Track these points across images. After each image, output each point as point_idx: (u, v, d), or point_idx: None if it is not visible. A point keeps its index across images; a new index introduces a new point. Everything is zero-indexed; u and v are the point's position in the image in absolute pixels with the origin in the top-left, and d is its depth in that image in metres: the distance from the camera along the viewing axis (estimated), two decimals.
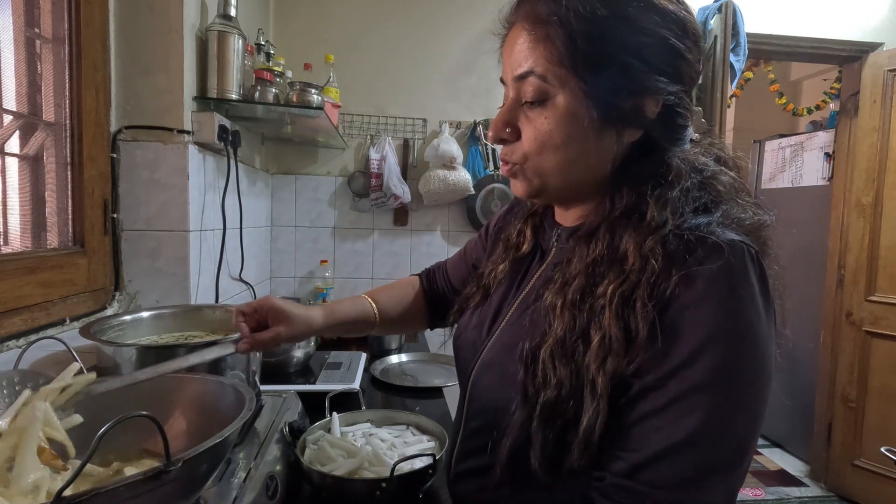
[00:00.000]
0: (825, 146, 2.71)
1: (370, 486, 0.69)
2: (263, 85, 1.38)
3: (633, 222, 0.49)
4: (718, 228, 0.47)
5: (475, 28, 2.12)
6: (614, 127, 0.50)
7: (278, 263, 2.09)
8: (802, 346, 2.77)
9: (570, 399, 0.47)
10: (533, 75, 0.50)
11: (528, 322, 0.55)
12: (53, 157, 1.03)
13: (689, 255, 0.44)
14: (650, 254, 0.46)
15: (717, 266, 0.43)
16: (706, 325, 0.43)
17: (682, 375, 0.43)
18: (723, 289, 0.43)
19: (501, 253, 0.68)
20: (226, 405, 0.61)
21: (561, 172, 0.53)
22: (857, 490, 2.37)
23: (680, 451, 0.43)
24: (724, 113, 2.06)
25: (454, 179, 2.01)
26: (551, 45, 0.48)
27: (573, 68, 0.48)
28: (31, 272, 0.91)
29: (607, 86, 0.48)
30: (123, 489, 0.39)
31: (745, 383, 0.44)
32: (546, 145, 0.51)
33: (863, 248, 2.34)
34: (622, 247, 0.48)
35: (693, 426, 0.42)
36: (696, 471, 0.43)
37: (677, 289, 0.44)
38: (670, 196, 0.49)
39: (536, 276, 0.62)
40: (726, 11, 1.99)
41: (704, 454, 0.43)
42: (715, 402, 0.43)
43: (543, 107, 0.50)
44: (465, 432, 0.63)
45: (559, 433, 0.48)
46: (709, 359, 0.42)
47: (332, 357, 1.34)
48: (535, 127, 0.51)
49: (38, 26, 0.99)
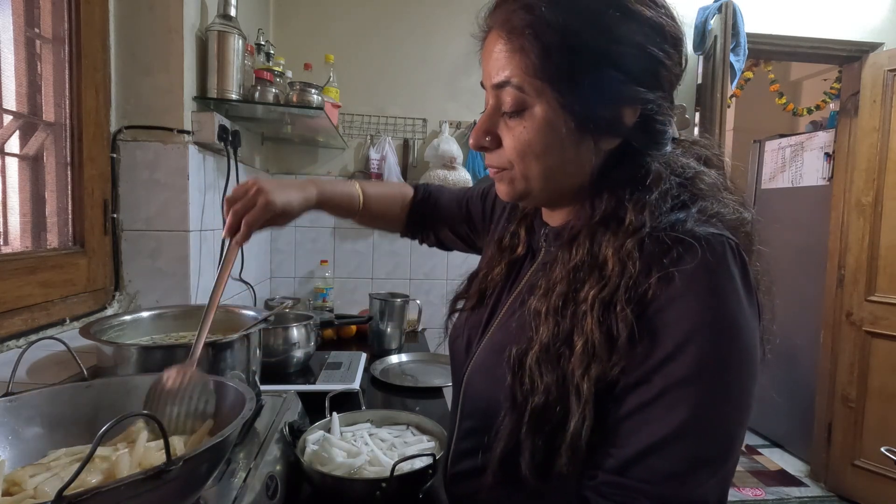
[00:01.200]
0: (825, 146, 2.71)
1: (370, 486, 0.69)
2: (263, 85, 1.38)
3: (611, 227, 0.49)
4: (696, 224, 0.46)
5: (475, 28, 2.12)
6: (591, 136, 0.50)
7: (278, 263, 2.09)
8: (802, 346, 2.78)
9: (557, 405, 0.47)
10: (510, 85, 0.50)
11: (515, 326, 0.56)
12: (53, 157, 1.03)
13: (666, 256, 0.45)
14: (627, 258, 0.46)
15: (696, 262, 0.43)
16: (688, 319, 0.43)
17: (667, 370, 0.43)
18: (702, 282, 0.43)
19: (497, 255, 0.68)
20: (226, 405, 0.61)
21: (543, 178, 0.53)
22: (857, 490, 2.37)
23: (668, 445, 0.43)
24: (724, 113, 2.06)
25: (454, 179, 2.01)
26: (526, 57, 0.48)
27: (548, 80, 0.48)
28: (31, 272, 0.91)
29: (584, 97, 0.48)
30: (123, 489, 0.39)
31: (730, 375, 0.43)
32: (527, 154, 0.51)
33: (863, 248, 2.34)
34: (602, 252, 0.48)
35: (680, 420, 0.42)
36: (686, 464, 0.43)
37: (657, 289, 0.44)
38: (648, 200, 0.49)
39: (526, 278, 0.62)
40: (726, 11, 1.99)
41: (692, 447, 0.43)
42: (701, 394, 0.43)
43: (521, 117, 0.50)
44: (458, 434, 0.64)
45: (548, 438, 0.48)
46: (693, 351, 0.43)
47: (332, 357, 1.34)
48: (514, 136, 0.52)
49: (38, 26, 0.99)
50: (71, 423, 0.58)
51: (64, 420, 0.59)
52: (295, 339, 1.21)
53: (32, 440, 0.57)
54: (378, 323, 1.62)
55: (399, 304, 1.62)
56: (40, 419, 0.58)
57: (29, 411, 0.58)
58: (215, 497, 0.57)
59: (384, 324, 1.61)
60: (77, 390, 0.63)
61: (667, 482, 0.43)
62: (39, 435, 0.57)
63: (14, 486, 0.47)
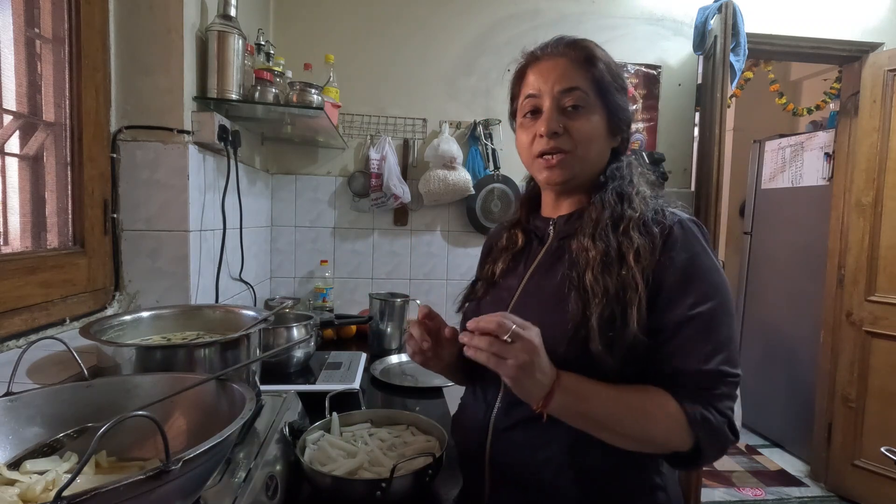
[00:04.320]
0: (825, 146, 2.71)
1: (370, 486, 0.69)
2: (263, 85, 1.38)
3: (626, 185, 0.74)
4: (676, 207, 0.74)
5: (475, 28, 2.12)
6: (614, 134, 0.78)
7: (278, 263, 2.09)
8: (802, 346, 2.78)
9: (618, 303, 0.65)
10: (579, 90, 0.73)
11: (548, 278, 0.74)
12: (53, 157, 1.03)
13: (665, 216, 0.70)
14: (647, 204, 0.72)
15: (691, 227, 0.70)
16: (687, 255, 0.68)
17: (698, 310, 0.65)
18: (696, 237, 0.69)
19: (497, 254, 0.83)
20: (226, 405, 0.61)
21: (592, 162, 0.75)
22: (857, 490, 2.37)
23: (722, 346, 0.65)
24: (724, 113, 2.06)
25: (454, 179, 2.01)
26: (593, 74, 0.74)
27: (606, 91, 0.74)
28: (31, 272, 0.91)
29: (617, 107, 0.76)
30: (123, 489, 0.39)
31: (728, 301, 0.68)
32: (589, 139, 0.74)
33: (863, 248, 2.34)
34: (628, 198, 0.72)
35: (719, 322, 0.66)
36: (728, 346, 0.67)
37: (669, 238, 0.68)
38: (635, 178, 0.76)
39: (542, 253, 0.78)
40: (726, 11, 1.99)
41: (731, 346, 0.67)
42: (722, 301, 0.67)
43: (580, 113, 0.73)
44: (506, 388, 0.69)
45: (614, 326, 0.64)
46: (712, 288, 0.67)
47: (332, 357, 1.34)
48: (577, 126, 0.73)
49: (38, 26, 0.99)
50: (71, 423, 0.58)
51: (64, 420, 0.59)
52: (295, 339, 1.21)
53: (32, 440, 0.57)
54: (378, 323, 1.62)
55: (399, 304, 1.62)
56: (40, 419, 0.58)
57: (29, 411, 0.58)
58: (215, 497, 0.57)
59: (384, 324, 1.61)
60: (77, 390, 0.63)
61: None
62: (39, 435, 0.57)
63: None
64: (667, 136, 2.27)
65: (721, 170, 2.05)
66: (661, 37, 2.23)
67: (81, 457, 0.52)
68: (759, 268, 3.16)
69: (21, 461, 0.53)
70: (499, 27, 2.13)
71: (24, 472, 0.52)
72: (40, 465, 0.53)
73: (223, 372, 0.65)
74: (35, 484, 0.49)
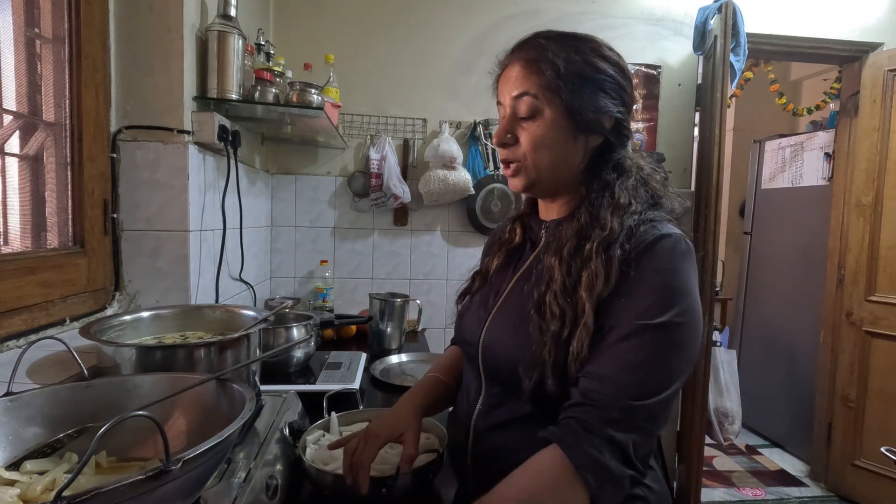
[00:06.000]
0: (825, 146, 2.71)
1: (376, 483, 0.69)
2: (263, 85, 1.38)
3: (606, 199, 0.68)
4: (663, 223, 0.66)
5: (475, 28, 2.12)
6: (584, 134, 0.70)
7: (278, 263, 2.09)
8: (802, 346, 2.78)
9: (571, 326, 0.62)
10: (528, 95, 0.68)
11: (527, 289, 0.70)
12: (53, 157, 1.03)
13: (647, 234, 0.64)
14: (622, 220, 0.65)
15: (668, 243, 0.63)
16: (656, 281, 0.61)
17: (642, 322, 0.59)
18: (671, 258, 0.62)
19: (496, 248, 0.83)
20: (226, 405, 0.61)
21: (550, 168, 0.70)
22: (857, 490, 2.37)
23: (634, 369, 0.59)
24: (724, 113, 2.05)
25: (454, 179, 2.01)
26: (541, 76, 0.67)
27: (557, 91, 0.67)
28: (31, 272, 0.91)
29: (579, 105, 0.67)
30: (123, 489, 0.39)
31: (684, 331, 0.60)
32: (539, 146, 0.69)
33: (863, 248, 2.34)
34: (601, 215, 0.67)
35: (643, 355, 0.59)
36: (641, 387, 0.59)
37: (640, 251, 0.62)
38: (629, 183, 0.69)
39: (530, 260, 0.76)
40: (726, 11, 1.99)
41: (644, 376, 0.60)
42: (658, 339, 0.59)
43: (535, 119, 0.68)
44: (487, 388, 0.73)
45: (564, 354, 0.62)
46: (668, 307, 0.59)
47: (332, 357, 1.34)
48: (529, 133, 0.69)
49: (38, 26, 0.99)
50: (71, 423, 0.58)
51: (64, 420, 0.59)
52: (295, 339, 1.21)
53: (32, 440, 0.57)
54: (378, 323, 1.62)
55: (399, 304, 1.62)
56: (40, 419, 0.58)
57: (29, 411, 0.58)
58: (215, 497, 0.57)
59: (384, 324, 1.61)
60: (77, 390, 0.63)
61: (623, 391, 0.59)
62: (39, 435, 0.57)
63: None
64: (667, 136, 2.27)
65: (721, 170, 2.04)
66: (661, 37, 2.23)
67: (81, 457, 0.52)
68: (759, 268, 3.16)
69: (21, 461, 0.53)
70: (499, 27, 2.13)
71: (23, 473, 0.52)
72: (40, 466, 0.53)
73: (223, 372, 0.65)
74: (35, 484, 0.49)
